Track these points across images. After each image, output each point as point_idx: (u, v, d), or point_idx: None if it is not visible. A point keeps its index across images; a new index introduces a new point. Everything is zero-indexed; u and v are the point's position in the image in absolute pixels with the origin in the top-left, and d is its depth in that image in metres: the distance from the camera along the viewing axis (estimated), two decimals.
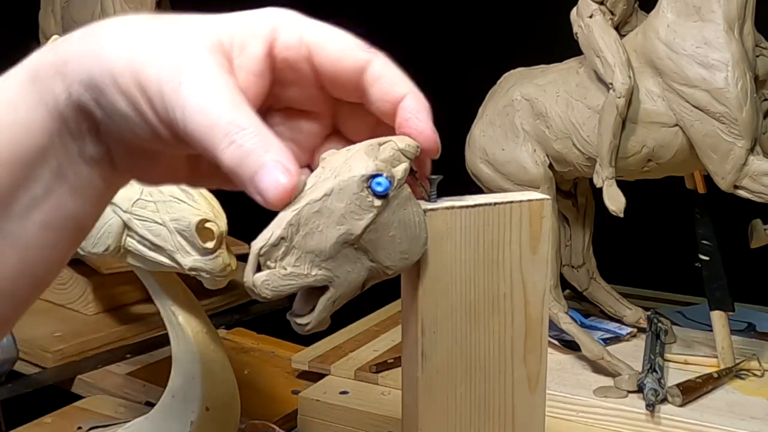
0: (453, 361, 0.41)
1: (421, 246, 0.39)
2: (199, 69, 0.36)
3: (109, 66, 0.36)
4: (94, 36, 0.37)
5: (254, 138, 0.35)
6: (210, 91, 0.36)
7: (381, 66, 0.40)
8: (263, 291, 0.36)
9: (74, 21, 1.46)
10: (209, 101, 0.36)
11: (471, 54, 1.73)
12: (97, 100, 0.37)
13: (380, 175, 0.36)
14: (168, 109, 0.35)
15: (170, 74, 0.35)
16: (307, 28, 0.40)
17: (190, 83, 0.35)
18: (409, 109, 0.39)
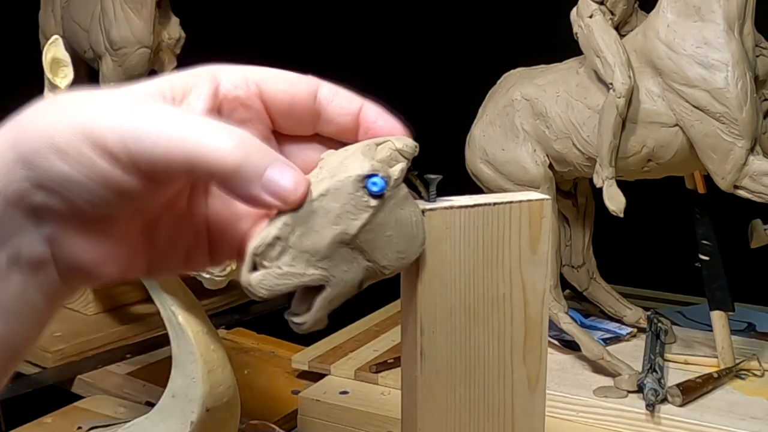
0: (452, 361, 0.41)
1: (419, 246, 0.39)
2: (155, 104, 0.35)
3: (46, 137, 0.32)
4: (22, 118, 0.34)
5: (250, 137, 0.34)
6: (179, 112, 0.34)
7: (330, 87, 0.39)
8: (259, 290, 0.36)
9: (74, 21, 1.45)
10: (184, 116, 0.34)
11: (471, 54, 1.73)
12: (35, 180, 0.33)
13: (376, 175, 0.36)
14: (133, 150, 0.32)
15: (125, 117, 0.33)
16: (248, 69, 0.38)
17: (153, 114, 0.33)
18: (371, 114, 0.39)
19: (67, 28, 1.46)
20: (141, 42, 1.35)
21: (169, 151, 0.32)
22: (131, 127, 0.33)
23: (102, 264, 0.35)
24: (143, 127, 0.33)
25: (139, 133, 0.32)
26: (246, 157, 0.33)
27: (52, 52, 0.80)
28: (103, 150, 0.32)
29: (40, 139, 0.33)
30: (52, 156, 0.32)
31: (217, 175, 0.33)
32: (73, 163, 0.32)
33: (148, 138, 0.32)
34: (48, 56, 0.80)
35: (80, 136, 0.32)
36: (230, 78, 0.37)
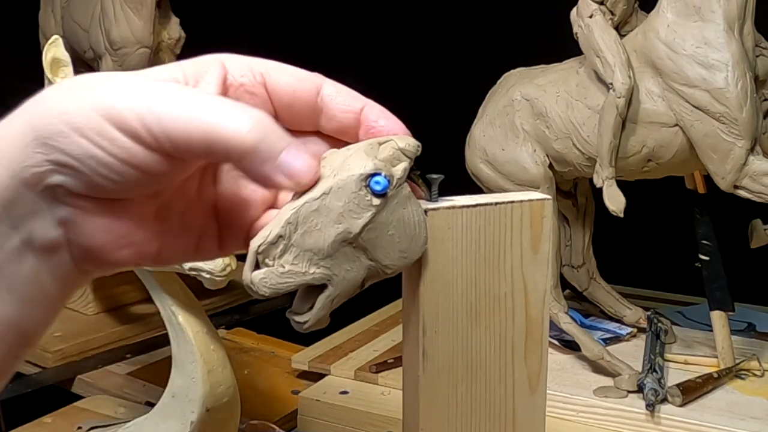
0: (454, 361, 0.41)
1: (421, 245, 0.39)
2: (172, 85, 0.35)
3: (66, 117, 0.33)
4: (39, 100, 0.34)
5: (267, 118, 0.35)
6: (197, 92, 0.35)
7: (334, 85, 0.40)
8: (261, 289, 0.36)
9: (74, 21, 1.45)
10: (203, 96, 0.35)
11: (471, 54, 1.73)
12: (54, 160, 0.33)
13: (379, 174, 0.36)
14: (154, 128, 0.33)
15: (145, 97, 0.33)
16: (254, 59, 0.39)
17: (172, 94, 0.34)
18: (374, 114, 0.39)
19: (67, 28, 1.46)
20: (141, 42, 1.35)
21: (189, 130, 0.33)
22: (151, 106, 0.33)
23: (115, 247, 0.36)
24: (163, 106, 0.33)
25: (159, 112, 0.33)
26: (263, 137, 0.34)
27: (52, 52, 0.80)
28: (123, 128, 0.33)
29: (59, 120, 0.33)
30: (72, 134, 0.33)
31: (235, 153, 0.34)
32: (94, 141, 0.33)
33: (169, 116, 0.33)
34: (48, 56, 0.80)
35: (100, 115, 0.33)
36: (237, 66, 0.38)
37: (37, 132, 0.33)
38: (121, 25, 1.34)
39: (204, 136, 0.33)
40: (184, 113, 0.33)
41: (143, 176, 0.34)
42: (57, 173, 0.33)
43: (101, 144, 0.33)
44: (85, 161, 0.33)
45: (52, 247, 0.34)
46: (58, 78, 0.81)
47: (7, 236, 0.33)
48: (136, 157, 0.33)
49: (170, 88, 0.34)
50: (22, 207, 0.33)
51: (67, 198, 0.34)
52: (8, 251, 0.33)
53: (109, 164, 0.33)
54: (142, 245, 0.37)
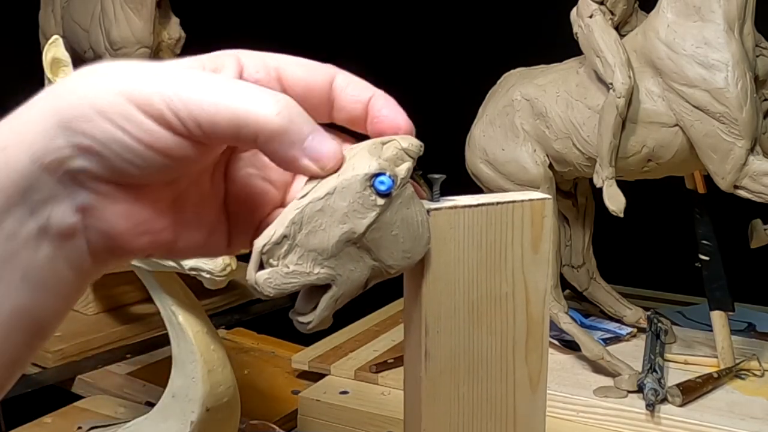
0: (456, 361, 0.41)
1: (424, 245, 0.39)
2: (197, 71, 0.36)
3: (90, 101, 0.33)
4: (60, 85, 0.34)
5: (294, 103, 0.35)
6: (222, 77, 0.36)
7: (345, 75, 0.40)
8: (266, 289, 0.36)
9: (74, 21, 1.46)
10: (228, 81, 0.35)
11: (471, 54, 1.73)
12: (77, 144, 0.33)
13: (383, 174, 0.36)
14: (181, 112, 0.33)
15: (170, 82, 0.33)
16: (267, 55, 0.39)
17: (198, 79, 0.34)
18: (378, 103, 0.39)
19: (67, 28, 1.46)
20: (141, 42, 1.35)
21: (217, 113, 0.33)
22: (178, 91, 0.33)
23: (134, 234, 0.36)
24: (190, 91, 0.33)
25: (186, 96, 0.33)
26: (291, 121, 0.34)
27: (52, 52, 0.80)
28: (150, 112, 0.33)
29: (83, 104, 0.33)
30: (96, 118, 0.33)
31: (263, 136, 0.34)
32: (119, 124, 0.33)
33: (196, 100, 0.33)
34: (48, 56, 0.80)
35: (126, 100, 0.33)
36: (252, 61, 0.38)
37: (59, 116, 0.33)
38: (121, 25, 1.35)
39: (232, 119, 0.33)
40: (211, 97, 0.33)
41: (167, 161, 0.34)
42: (79, 158, 0.33)
43: (126, 128, 0.33)
44: (110, 145, 0.33)
45: (69, 234, 0.34)
46: (58, 78, 0.81)
47: (24, 222, 0.33)
48: (162, 141, 0.33)
49: (196, 74, 0.35)
50: (41, 192, 0.33)
51: (89, 183, 0.34)
52: (25, 237, 0.33)
53: (133, 149, 0.33)
54: (159, 234, 0.37)
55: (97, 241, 0.35)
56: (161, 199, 0.36)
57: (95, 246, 0.35)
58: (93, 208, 0.34)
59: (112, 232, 0.35)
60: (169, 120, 0.33)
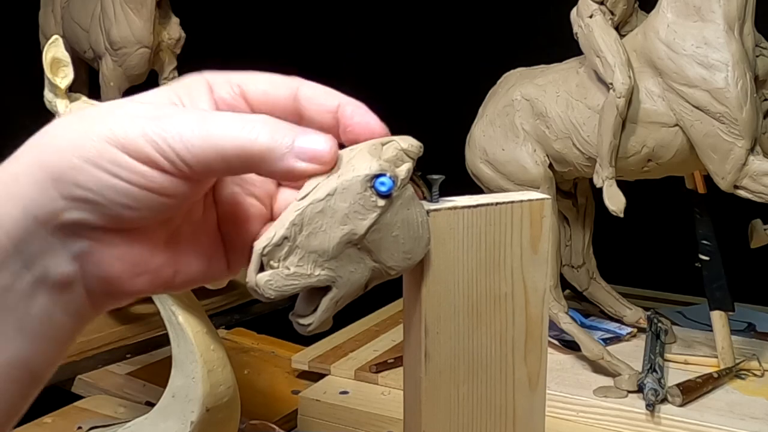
0: (456, 362, 0.41)
1: (424, 246, 0.39)
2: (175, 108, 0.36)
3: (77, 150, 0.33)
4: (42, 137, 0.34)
5: (271, 118, 0.35)
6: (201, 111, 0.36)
7: (310, 86, 0.40)
8: (266, 291, 0.35)
9: (74, 21, 1.46)
10: (207, 114, 0.35)
11: (471, 54, 1.73)
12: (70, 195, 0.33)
13: (384, 175, 0.36)
14: (168, 151, 0.33)
15: (152, 123, 0.34)
16: (231, 74, 0.39)
17: (178, 117, 0.34)
18: (348, 111, 0.39)
19: (67, 28, 1.46)
20: (141, 42, 1.35)
21: (204, 147, 0.34)
22: (161, 131, 0.33)
23: (132, 275, 0.36)
24: (172, 130, 0.34)
25: (170, 136, 0.33)
26: (273, 136, 0.34)
27: (52, 52, 0.80)
28: (137, 156, 0.33)
29: (71, 154, 0.33)
30: (86, 167, 0.33)
31: (253, 159, 0.34)
32: (111, 171, 0.33)
33: (179, 139, 0.33)
34: (48, 56, 0.80)
35: (112, 145, 0.33)
36: (218, 81, 0.38)
37: (49, 169, 0.33)
38: (121, 25, 1.35)
39: (218, 150, 0.34)
40: (194, 134, 0.34)
41: (163, 200, 0.34)
42: (73, 209, 0.33)
43: (118, 173, 0.33)
44: (104, 192, 0.33)
45: (66, 283, 0.34)
46: (58, 78, 0.81)
47: (19, 275, 0.33)
48: (154, 182, 0.34)
49: (175, 112, 0.35)
50: (36, 245, 0.33)
51: (84, 232, 0.34)
52: (20, 290, 0.33)
53: (127, 192, 0.33)
54: (157, 272, 0.37)
55: (95, 286, 0.35)
56: (157, 238, 0.37)
57: (93, 291, 0.35)
58: (89, 255, 0.34)
59: (109, 276, 0.35)
60: (158, 161, 0.33)
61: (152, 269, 0.37)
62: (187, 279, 0.39)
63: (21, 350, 0.34)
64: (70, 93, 0.83)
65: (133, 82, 1.42)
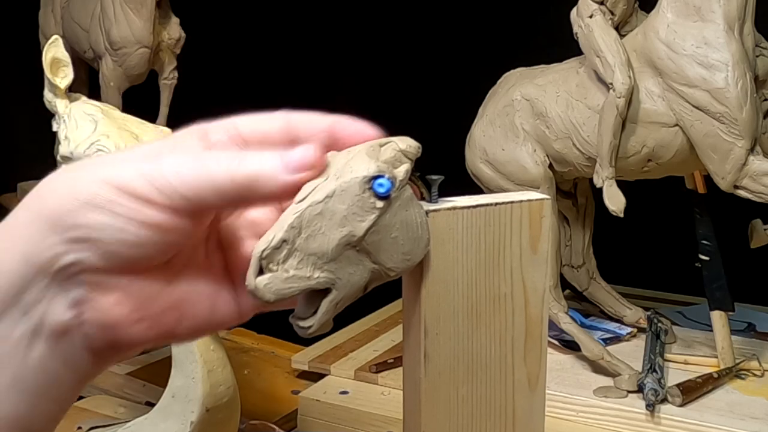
0: (455, 362, 0.41)
1: (424, 247, 0.39)
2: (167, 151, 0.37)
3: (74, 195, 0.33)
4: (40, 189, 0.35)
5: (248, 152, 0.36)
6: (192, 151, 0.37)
7: (299, 114, 0.40)
8: (265, 294, 0.35)
9: (74, 21, 1.46)
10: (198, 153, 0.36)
11: (471, 54, 1.73)
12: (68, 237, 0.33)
13: (382, 177, 0.36)
14: (165, 190, 0.34)
15: (146, 164, 0.35)
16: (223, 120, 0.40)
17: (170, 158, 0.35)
18: (343, 123, 0.39)
19: (67, 28, 1.47)
20: (141, 42, 1.35)
21: (198, 180, 0.34)
22: (156, 168, 0.34)
23: (131, 321, 0.35)
24: (167, 166, 0.34)
25: (166, 171, 0.34)
26: (261, 160, 0.35)
27: (52, 52, 0.80)
28: (134, 194, 0.34)
29: (67, 199, 0.33)
30: (83, 209, 0.33)
31: (246, 185, 0.35)
32: (109, 209, 0.33)
33: (175, 173, 0.34)
34: (48, 56, 0.80)
35: (108, 187, 0.34)
36: (212, 127, 0.39)
37: (47, 215, 0.33)
38: (121, 25, 1.35)
39: (213, 184, 0.34)
40: (188, 168, 0.34)
41: (162, 236, 0.34)
42: (72, 251, 0.33)
43: (116, 210, 0.33)
44: (103, 230, 0.33)
45: (64, 331, 0.34)
46: (58, 78, 0.81)
47: (17, 324, 0.33)
48: (152, 217, 0.34)
49: (169, 152, 0.36)
50: (33, 293, 0.33)
51: (82, 275, 0.34)
52: (16, 339, 0.33)
53: (126, 229, 0.34)
54: (158, 318, 0.36)
55: (94, 333, 0.35)
56: (156, 282, 0.36)
57: (92, 340, 0.35)
58: (87, 301, 0.34)
59: (108, 321, 0.35)
60: (154, 197, 0.34)
61: (153, 315, 0.36)
62: (193, 326, 0.38)
63: (18, 407, 0.33)
64: (70, 93, 0.83)
65: (133, 82, 1.42)
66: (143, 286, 0.36)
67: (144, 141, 0.78)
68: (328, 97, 1.84)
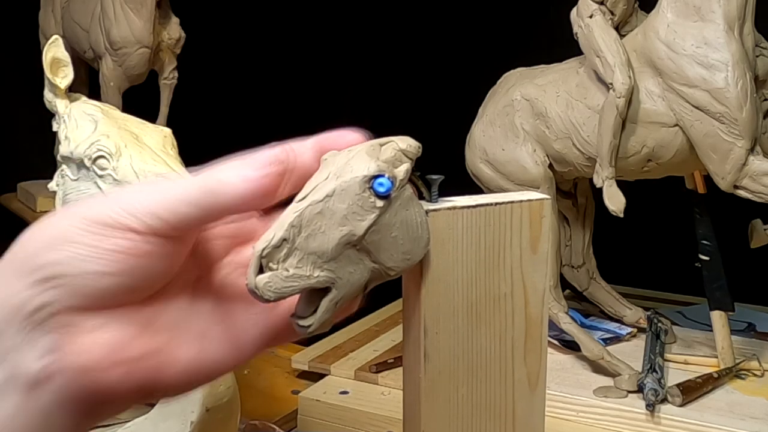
0: (455, 362, 0.41)
1: (423, 247, 0.39)
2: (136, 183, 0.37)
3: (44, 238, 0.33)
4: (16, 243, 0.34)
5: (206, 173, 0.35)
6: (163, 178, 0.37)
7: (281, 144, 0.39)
8: (266, 293, 0.35)
9: (74, 21, 1.46)
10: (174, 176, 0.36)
11: (471, 54, 1.73)
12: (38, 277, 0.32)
13: (382, 176, 0.36)
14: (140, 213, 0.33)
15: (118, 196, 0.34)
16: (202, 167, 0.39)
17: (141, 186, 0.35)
18: (325, 136, 0.39)
19: (67, 28, 1.47)
20: (141, 42, 1.35)
21: (171, 198, 0.34)
22: (126, 196, 0.34)
23: (108, 365, 0.33)
24: (137, 192, 0.34)
25: (136, 197, 0.34)
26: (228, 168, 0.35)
27: (52, 52, 0.80)
28: (108, 223, 0.33)
29: (37, 243, 0.33)
30: (49, 248, 0.32)
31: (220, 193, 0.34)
32: (81, 242, 0.33)
33: (146, 195, 0.34)
34: (48, 56, 0.80)
35: (82, 220, 0.33)
36: None
37: (17, 263, 0.33)
38: (121, 25, 1.35)
39: (186, 198, 0.34)
40: (160, 189, 0.34)
41: (135, 261, 0.33)
42: (39, 294, 0.32)
43: (84, 241, 0.33)
44: (68, 263, 0.32)
45: (36, 382, 0.32)
46: (58, 78, 0.81)
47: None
48: (121, 245, 0.33)
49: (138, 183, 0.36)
50: (7, 341, 0.32)
51: (53, 319, 0.32)
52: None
53: (96, 257, 0.33)
54: (138, 362, 0.34)
55: (69, 383, 0.33)
56: (136, 321, 0.35)
57: (68, 392, 0.33)
58: (60, 348, 0.33)
59: (82, 364, 0.33)
60: (126, 223, 0.33)
61: (132, 358, 0.34)
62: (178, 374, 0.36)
63: None
64: (70, 93, 0.83)
65: (133, 82, 1.42)
66: (120, 326, 0.34)
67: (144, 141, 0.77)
68: (328, 97, 1.84)
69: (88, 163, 0.74)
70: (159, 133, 0.81)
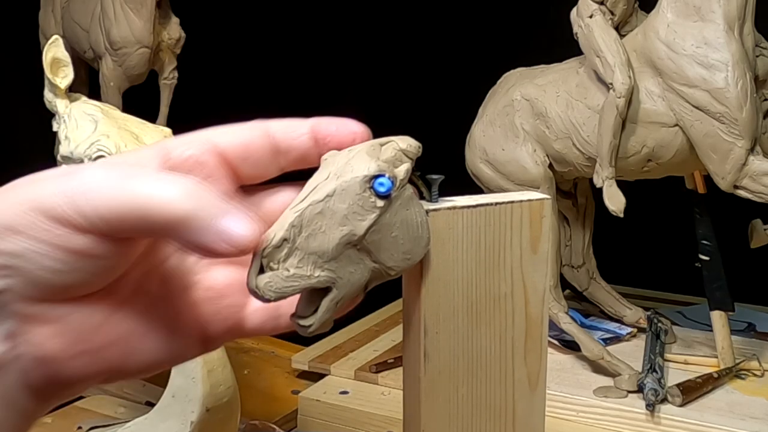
0: (455, 362, 0.41)
1: (424, 246, 0.39)
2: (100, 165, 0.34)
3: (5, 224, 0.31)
4: None
5: (201, 186, 0.33)
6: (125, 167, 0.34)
7: (278, 121, 0.38)
8: (266, 293, 0.35)
9: (74, 21, 1.46)
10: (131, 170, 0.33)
11: (471, 54, 1.73)
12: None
13: (383, 176, 0.36)
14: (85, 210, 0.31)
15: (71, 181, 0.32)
16: (195, 133, 0.37)
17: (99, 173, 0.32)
18: (324, 124, 0.38)
19: (67, 28, 1.47)
20: (141, 42, 1.35)
21: (120, 205, 0.32)
22: (78, 188, 0.32)
23: (70, 355, 0.33)
24: (90, 186, 0.32)
25: (87, 192, 0.32)
26: (196, 205, 0.32)
27: (52, 52, 0.80)
28: (55, 217, 0.32)
29: None
30: (5, 234, 0.31)
31: (169, 225, 0.32)
32: (29, 234, 0.31)
33: (97, 195, 0.32)
34: (48, 56, 0.80)
35: (30, 210, 0.32)
36: (179, 142, 0.37)
37: None
38: (121, 25, 1.35)
39: (135, 210, 0.32)
40: (112, 187, 0.32)
41: (87, 261, 0.32)
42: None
43: (37, 235, 0.31)
44: (24, 256, 0.31)
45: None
46: (58, 78, 0.81)
47: None
48: (73, 242, 0.32)
49: (97, 169, 0.33)
50: None
51: (11, 305, 0.32)
52: None
53: (48, 253, 0.32)
54: (101, 352, 0.34)
55: (32, 369, 0.33)
56: (99, 312, 0.34)
57: (29, 376, 0.33)
58: (20, 334, 0.32)
59: (45, 355, 0.32)
60: (74, 220, 0.32)
61: (95, 348, 0.34)
62: (143, 362, 0.36)
63: None
64: (70, 93, 0.83)
65: (133, 82, 1.42)
66: (83, 317, 0.33)
67: (144, 141, 0.78)
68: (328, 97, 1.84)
69: (88, 163, 0.74)
70: (159, 133, 0.82)
